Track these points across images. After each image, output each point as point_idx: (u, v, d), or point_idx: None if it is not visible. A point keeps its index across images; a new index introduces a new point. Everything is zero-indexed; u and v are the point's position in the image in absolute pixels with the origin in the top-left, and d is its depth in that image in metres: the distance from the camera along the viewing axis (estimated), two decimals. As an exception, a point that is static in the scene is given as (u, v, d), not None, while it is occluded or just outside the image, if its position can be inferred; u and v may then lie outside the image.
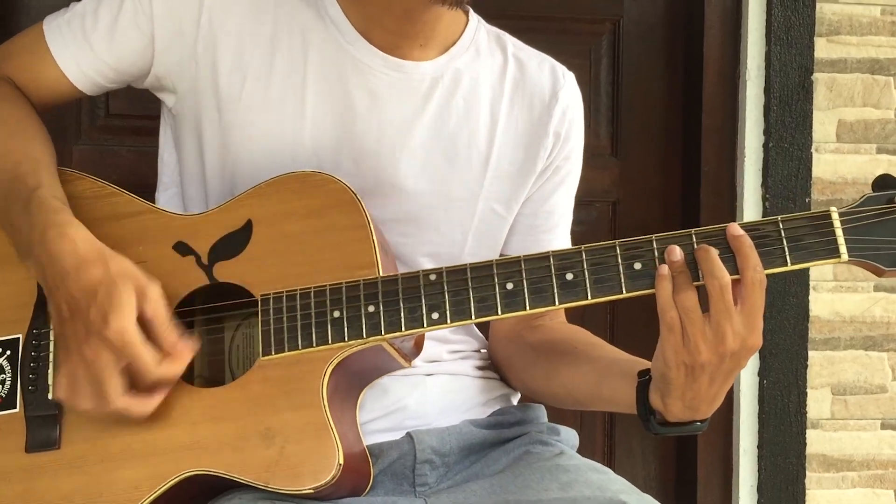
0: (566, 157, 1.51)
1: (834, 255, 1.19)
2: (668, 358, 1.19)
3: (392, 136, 1.40)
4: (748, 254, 1.17)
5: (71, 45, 1.40)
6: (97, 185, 1.37)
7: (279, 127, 1.37)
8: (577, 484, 1.31)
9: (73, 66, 1.41)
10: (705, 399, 1.22)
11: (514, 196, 1.49)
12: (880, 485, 2.50)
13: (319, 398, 1.21)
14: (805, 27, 2.41)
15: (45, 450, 1.26)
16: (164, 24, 1.38)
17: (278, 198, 1.30)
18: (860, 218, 1.19)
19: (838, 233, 1.18)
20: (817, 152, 2.45)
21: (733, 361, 1.19)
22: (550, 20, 2.43)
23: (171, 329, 1.21)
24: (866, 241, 1.19)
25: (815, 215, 1.20)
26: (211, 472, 1.22)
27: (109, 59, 1.40)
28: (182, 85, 1.40)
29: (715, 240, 1.19)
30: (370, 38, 1.40)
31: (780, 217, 1.20)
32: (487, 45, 1.50)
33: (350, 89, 1.39)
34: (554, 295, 1.21)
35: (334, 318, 1.24)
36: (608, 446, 2.55)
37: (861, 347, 2.48)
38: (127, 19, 1.38)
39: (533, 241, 1.52)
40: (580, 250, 1.22)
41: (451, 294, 1.23)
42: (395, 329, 1.23)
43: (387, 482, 1.36)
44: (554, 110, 1.49)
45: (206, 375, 1.33)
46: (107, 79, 1.43)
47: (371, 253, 1.26)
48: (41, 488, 1.25)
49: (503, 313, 1.22)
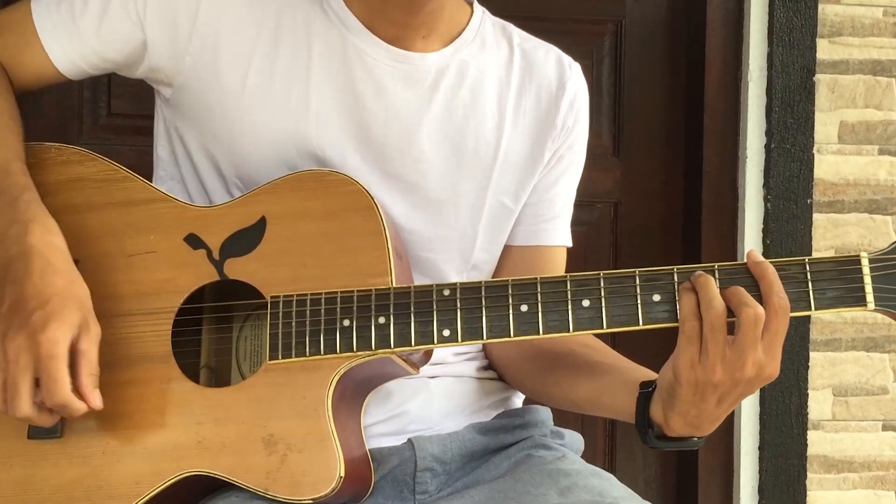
0: (570, 146, 1.50)
1: (860, 304, 1.16)
2: (680, 372, 1.16)
3: (398, 128, 1.38)
4: (772, 280, 1.14)
5: (59, 28, 1.38)
6: (111, 167, 1.35)
7: (283, 120, 1.36)
8: (577, 489, 1.30)
9: (60, 51, 1.38)
10: (709, 419, 1.19)
11: (522, 188, 1.47)
12: (881, 486, 2.50)
13: (324, 408, 1.21)
14: (807, 28, 2.41)
15: (47, 437, 1.25)
16: (156, 15, 1.36)
17: (294, 196, 1.29)
18: (891, 266, 1.16)
19: (867, 280, 1.15)
20: (819, 153, 2.44)
21: (747, 387, 1.16)
22: (552, 21, 2.43)
23: (94, 373, 1.19)
24: (894, 290, 1.16)
25: (843, 260, 1.17)
26: (212, 474, 1.21)
27: (97, 45, 1.38)
28: (178, 79, 1.38)
29: (738, 276, 1.16)
30: (374, 29, 1.39)
31: (807, 259, 1.17)
32: (493, 36, 1.48)
33: (355, 81, 1.38)
34: (570, 321, 1.19)
35: (344, 327, 1.22)
36: (609, 448, 2.55)
37: (862, 349, 2.48)
38: (118, 6, 1.36)
39: (534, 230, 1.50)
40: (598, 277, 1.20)
41: (463, 312, 1.21)
42: (404, 343, 1.22)
43: (387, 488, 1.36)
44: (561, 101, 1.47)
45: (212, 366, 1.33)
46: (92, 65, 1.40)
47: (385, 261, 1.24)
48: (41, 476, 1.24)
49: (515, 336, 1.20)
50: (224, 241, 1.29)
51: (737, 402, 1.18)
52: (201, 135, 1.39)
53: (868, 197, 2.46)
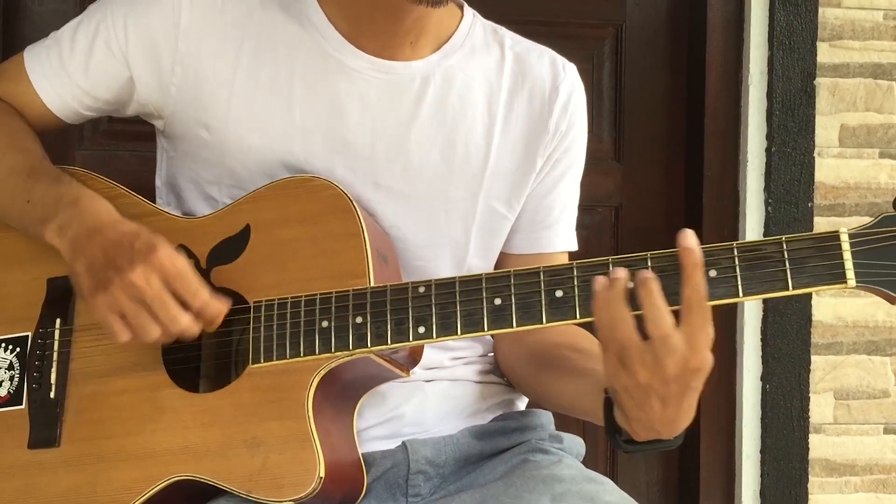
0: (566, 149, 1.48)
1: (839, 281, 1.11)
2: (610, 381, 1.14)
3: (386, 140, 1.39)
4: (690, 272, 1.08)
5: (49, 72, 1.42)
6: (107, 185, 1.38)
7: (269, 139, 1.37)
8: (570, 495, 1.30)
9: (52, 94, 1.42)
10: (662, 421, 1.14)
11: (515, 194, 1.46)
12: (883, 489, 2.50)
13: (304, 409, 1.22)
14: (807, 32, 2.41)
15: (45, 447, 1.29)
16: (137, 50, 1.38)
17: (276, 203, 1.31)
18: (872, 240, 1.12)
19: (846, 255, 1.11)
20: (820, 157, 2.44)
21: (680, 384, 1.11)
22: (553, 24, 2.43)
23: (203, 287, 1.24)
24: (877, 265, 1.11)
25: (821, 236, 1.13)
26: (198, 478, 1.23)
27: (86, 85, 1.41)
28: (166, 109, 1.40)
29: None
30: (357, 41, 1.39)
31: (783, 237, 1.14)
32: (484, 39, 1.47)
33: (340, 96, 1.38)
34: (542, 312, 1.18)
35: (322, 328, 1.24)
36: (611, 451, 2.55)
37: (864, 352, 2.48)
38: (102, 45, 1.39)
39: (534, 238, 1.50)
40: (571, 266, 1.18)
41: (438, 307, 1.21)
42: (381, 342, 1.22)
43: (380, 491, 1.36)
44: (555, 105, 1.46)
45: (211, 376, 1.34)
46: (84, 106, 1.43)
47: (363, 262, 1.26)
48: (41, 485, 1.27)
49: (489, 329, 1.20)
50: (210, 251, 1.31)
51: (683, 400, 1.13)
52: (193, 161, 1.41)
53: (869, 200, 2.46)
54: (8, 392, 1.33)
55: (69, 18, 1.46)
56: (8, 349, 1.35)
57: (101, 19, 1.40)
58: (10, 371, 1.33)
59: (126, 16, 1.38)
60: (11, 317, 1.36)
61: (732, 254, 1.14)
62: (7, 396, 1.33)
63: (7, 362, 1.34)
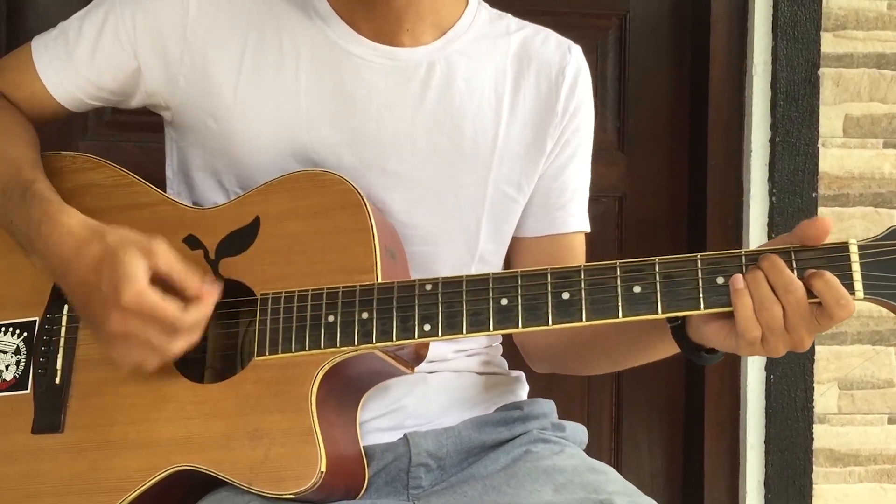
0: (575, 129, 1.49)
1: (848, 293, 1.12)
2: (741, 352, 1.17)
3: (393, 125, 1.39)
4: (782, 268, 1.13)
5: (55, 61, 1.42)
6: (119, 173, 1.39)
7: (276, 127, 1.37)
8: (572, 486, 1.30)
9: (57, 83, 1.43)
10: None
11: (526, 177, 1.47)
12: (888, 479, 2.50)
13: (307, 403, 1.22)
14: (811, 22, 2.40)
15: (49, 432, 1.29)
16: (146, 41, 1.39)
17: (286, 196, 1.31)
18: (881, 252, 1.12)
19: (855, 267, 1.12)
20: (824, 147, 2.44)
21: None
22: (556, 14, 2.42)
23: (190, 275, 1.23)
24: (885, 278, 1.12)
25: (832, 247, 1.14)
26: (199, 469, 1.23)
27: (91, 74, 1.42)
28: (175, 99, 1.40)
29: (727, 265, 1.15)
30: (360, 28, 1.40)
31: (791, 247, 1.15)
32: (489, 25, 1.48)
33: (345, 83, 1.38)
34: (548, 314, 1.19)
35: (328, 323, 1.24)
36: (615, 441, 2.55)
37: (868, 342, 2.48)
38: (110, 35, 1.40)
39: (549, 220, 1.50)
40: (579, 269, 1.19)
41: (444, 306, 1.22)
42: (386, 338, 1.22)
43: (381, 484, 1.36)
44: (562, 87, 1.47)
45: (217, 367, 1.34)
46: (88, 95, 1.44)
47: (371, 257, 1.26)
48: (43, 470, 1.28)
49: (495, 329, 1.20)
50: (220, 242, 1.32)
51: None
52: (203, 150, 1.41)
53: (873, 190, 2.46)
54: (14, 376, 1.33)
55: (74, 10, 1.46)
56: (15, 334, 1.35)
57: (109, 9, 1.40)
58: (16, 355, 1.34)
59: (134, 6, 1.39)
60: (20, 301, 1.36)
61: (741, 262, 1.16)
62: (13, 381, 1.33)
63: (14, 346, 1.35)
